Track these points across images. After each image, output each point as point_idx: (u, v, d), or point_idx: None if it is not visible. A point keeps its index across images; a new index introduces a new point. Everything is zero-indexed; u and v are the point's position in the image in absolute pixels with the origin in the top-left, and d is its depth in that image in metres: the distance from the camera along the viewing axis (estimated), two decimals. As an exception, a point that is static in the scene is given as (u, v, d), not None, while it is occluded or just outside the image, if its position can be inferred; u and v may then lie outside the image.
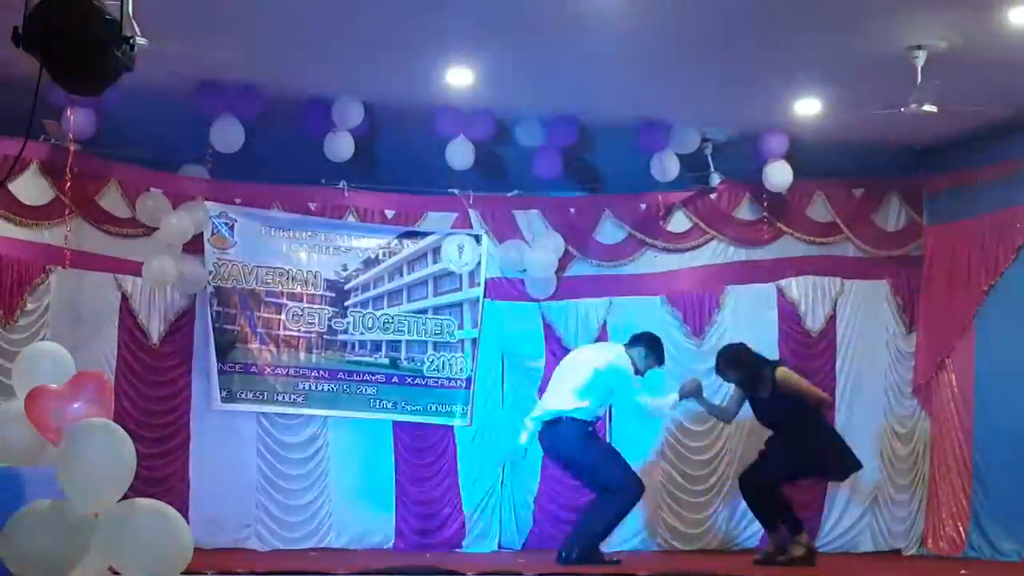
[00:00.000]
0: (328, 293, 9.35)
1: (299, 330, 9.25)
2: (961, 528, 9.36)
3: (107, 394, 5.80)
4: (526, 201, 9.71)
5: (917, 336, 9.87)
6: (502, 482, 9.57)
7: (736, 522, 9.66)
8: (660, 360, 8.71)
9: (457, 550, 9.30)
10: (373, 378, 9.36)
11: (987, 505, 9.16)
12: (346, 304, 9.37)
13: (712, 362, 9.29)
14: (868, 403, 9.86)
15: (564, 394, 8.49)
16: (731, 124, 9.50)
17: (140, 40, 5.22)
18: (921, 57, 7.51)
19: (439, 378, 9.45)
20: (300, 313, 9.26)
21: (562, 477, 9.34)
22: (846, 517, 9.78)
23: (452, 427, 9.47)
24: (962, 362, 9.47)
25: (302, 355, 9.24)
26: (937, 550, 9.50)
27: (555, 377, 8.81)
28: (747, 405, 8.81)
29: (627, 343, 8.68)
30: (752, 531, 9.60)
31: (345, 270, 9.39)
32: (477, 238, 9.56)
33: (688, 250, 9.83)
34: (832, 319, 9.87)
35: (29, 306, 8.42)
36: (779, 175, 9.53)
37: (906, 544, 9.76)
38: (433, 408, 9.41)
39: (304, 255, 9.31)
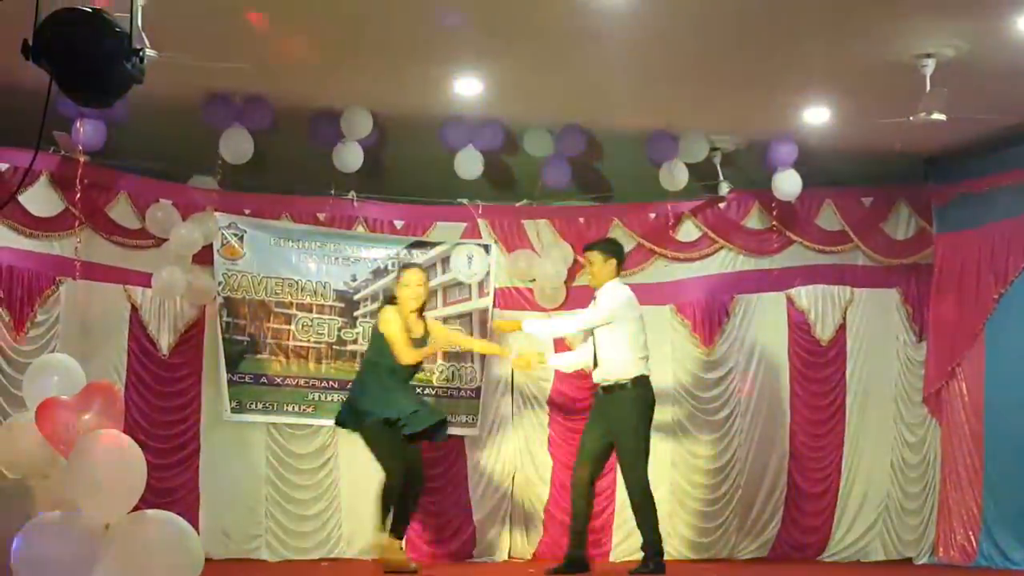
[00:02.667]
0: (337, 303, 9.35)
1: (309, 340, 9.25)
2: (972, 537, 9.32)
3: (117, 405, 5.78)
4: (535, 211, 9.72)
5: (927, 344, 9.85)
6: (512, 492, 9.56)
7: (747, 531, 9.64)
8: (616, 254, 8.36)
9: (467, 560, 9.30)
10: (383, 388, 9.35)
11: (998, 514, 9.12)
12: (355, 314, 9.36)
13: (723, 372, 9.46)
14: (878, 412, 9.85)
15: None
16: (740, 133, 9.49)
17: (150, 52, 5.26)
18: (930, 65, 7.50)
19: (448, 388, 9.45)
20: (310, 323, 9.26)
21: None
22: (856, 526, 9.76)
23: (462, 437, 9.46)
24: (972, 370, 9.44)
25: (312, 365, 9.24)
26: (948, 559, 9.47)
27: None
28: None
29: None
30: (764, 539, 9.60)
31: (354, 280, 9.39)
32: (486, 248, 9.55)
33: (697, 259, 9.82)
34: (842, 328, 9.85)
35: (39, 317, 8.44)
36: (788, 184, 9.51)
37: (917, 553, 9.73)
38: (443, 418, 9.40)
39: (313, 265, 9.31)
